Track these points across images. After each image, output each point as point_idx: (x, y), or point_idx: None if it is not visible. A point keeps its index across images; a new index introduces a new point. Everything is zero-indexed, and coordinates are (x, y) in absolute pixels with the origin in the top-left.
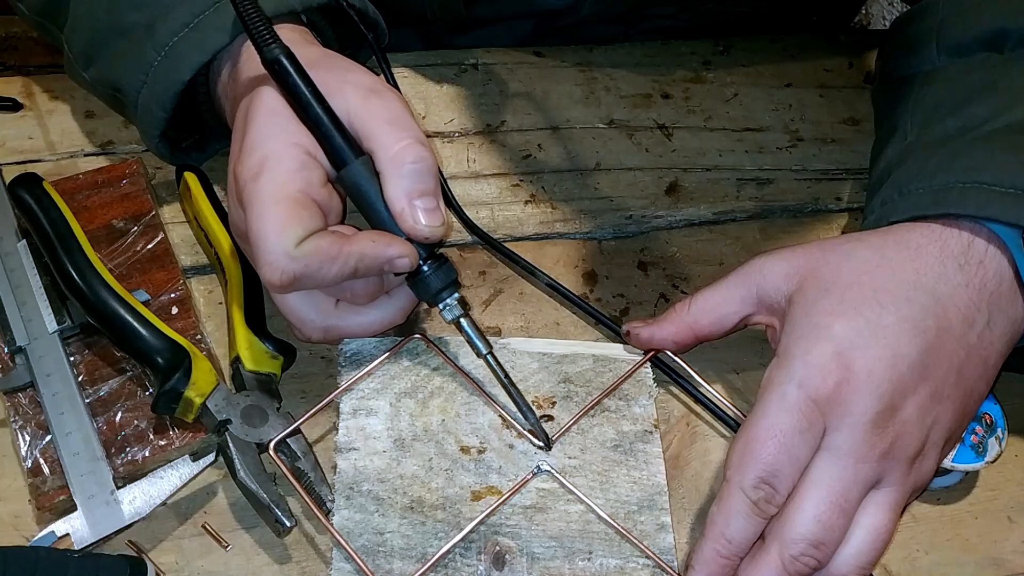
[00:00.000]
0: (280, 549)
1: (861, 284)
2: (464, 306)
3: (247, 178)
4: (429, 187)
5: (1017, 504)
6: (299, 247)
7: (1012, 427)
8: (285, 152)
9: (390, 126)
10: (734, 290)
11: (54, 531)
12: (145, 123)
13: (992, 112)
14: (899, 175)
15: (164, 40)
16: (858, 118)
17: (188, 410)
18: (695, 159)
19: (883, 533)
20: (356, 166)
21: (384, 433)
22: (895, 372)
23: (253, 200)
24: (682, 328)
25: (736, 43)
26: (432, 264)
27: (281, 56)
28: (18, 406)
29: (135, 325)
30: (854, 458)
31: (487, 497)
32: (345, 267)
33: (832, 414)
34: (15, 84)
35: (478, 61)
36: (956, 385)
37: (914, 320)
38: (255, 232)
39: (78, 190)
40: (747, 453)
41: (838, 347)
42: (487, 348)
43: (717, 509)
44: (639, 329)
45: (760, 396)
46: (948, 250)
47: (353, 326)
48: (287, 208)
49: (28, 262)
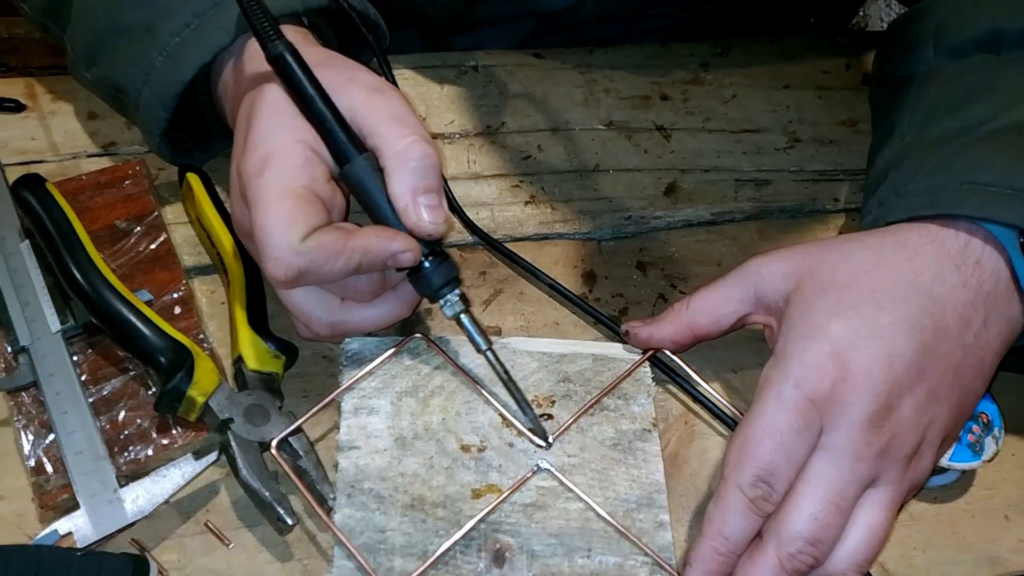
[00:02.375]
0: (282, 547)
1: (858, 284)
2: (465, 302)
3: (251, 174)
4: (433, 184)
5: (1014, 503)
6: (304, 242)
7: (1009, 426)
8: (289, 148)
9: (395, 123)
10: (732, 290)
11: (57, 530)
12: (147, 123)
13: (990, 113)
14: (896, 176)
15: (165, 40)
16: (856, 119)
17: (191, 409)
18: (693, 160)
19: (880, 532)
20: (360, 162)
21: (385, 431)
22: (892, 372)
23: (257, 196)
24: (680, 328)
25: (734, 45)
26: (434, 260)
27: (285, 52)
28: (21, 405)
29: (138, 325)
30: (851, 457)
31: (487, 495)
32: (349, 262)
33: (829, 413)
34: (18, 85)
35: (478, 63)
36: (953, 385)
37: (911, 320)
38: (259, 228)
39: (81, 191)
40: (744, 452)
41: (835, 347)
42: (487, 344)
43: (714, 507)
44: (638, 329)
45: (757, 395)
46: (945, 250)
47: (358, 322)
48: (291, 204)
49: (31, 262)
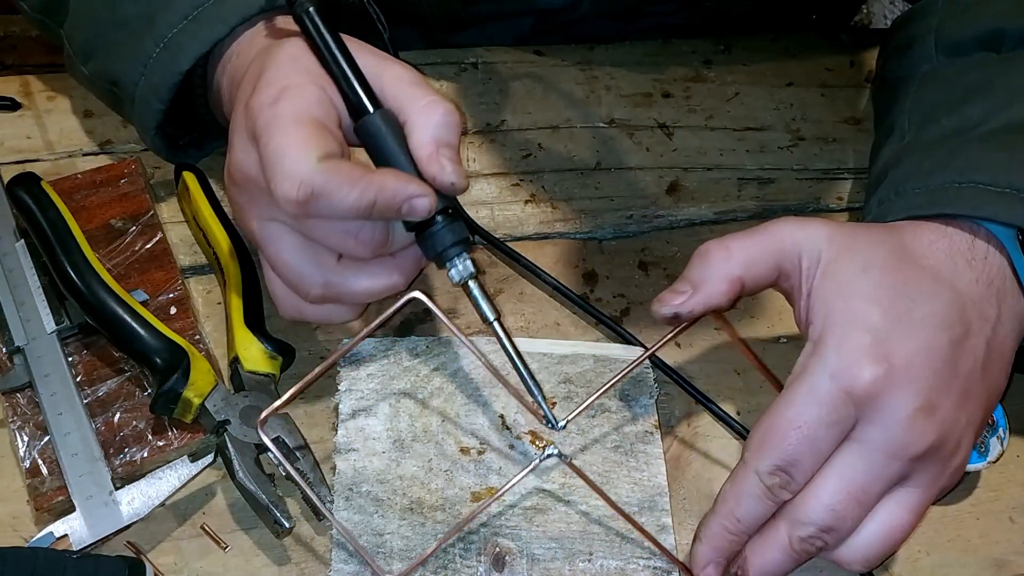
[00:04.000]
0: (279, 550)
1: (893, 271)
2: (475, 267)
3: (263, 104)
4: (455, 143)
5: (1019, 505)
6: (320, 163)
7: (1013, 427)
8: (306, 86)
9: (417, 87)
10: (771, 244)
11: (52, 532)
12: (142, 116)
13: (988, 112)
14: (896, 175)
15: (163, 32)
16: (859, 117)
17: (187, 411)
18: (696, 158)
19: (898, 532)
20: (380, 114)
21: (383, 434)
22: (931, 367)
23: (271, 122)
24: (733, 282)
25: (737, 42)
26: (444, 219)
27: (310, 7)
28: (16, 406)
29: (133, 325)
30: (885, 454)
31: (487, 498)
32: (364, 195)
33: (866, 407)
34: (13, 83)
35: (478, 60)
36: (982, 381)
37: (941, 315)
38: (273, 150)
39: (76, 189)
40: (767, 440)
41: (876, 338)
42: (495, 315)
43: (730, 487)
44: (683, 302)
45: (790, 382)
46: (955, 246)
47: (353, 286)
48: (308, 129)
49: (26, 262)
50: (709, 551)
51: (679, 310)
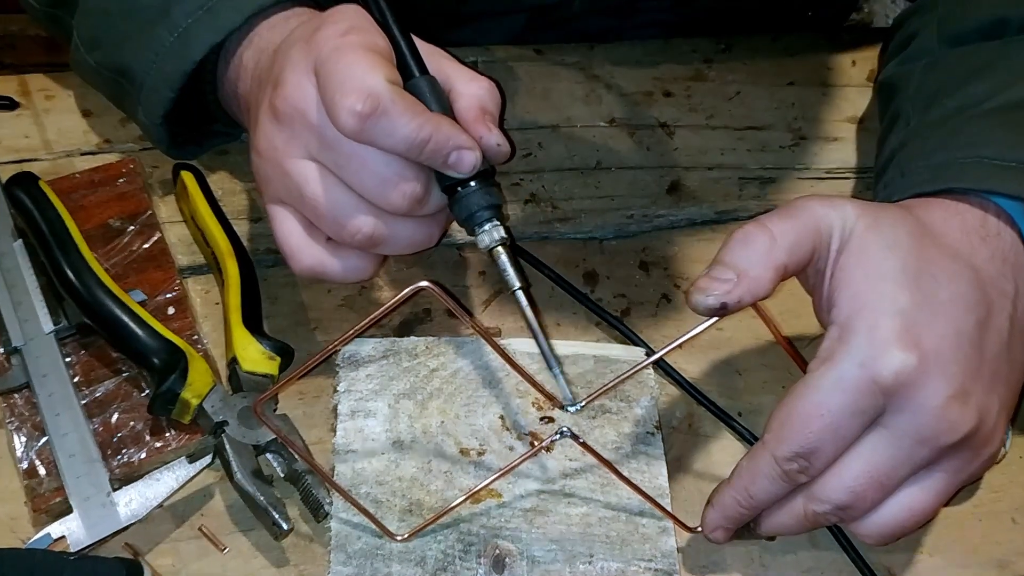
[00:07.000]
0: (277, 552)
1: (916, 250)
2: (508, 235)
3: (334, 35)
4: (497, 115)
5: (1021, 506)
6: (389, 83)
7: (1016, 427)
8: (373, 29)
9: (460, 65)
10: (808, 224)
11: (50, 533)
12: (150, 105)
13: (991, 90)
14: (901, 157)
15: (179, 21)
16: (861, 116)
17: (185, 411)
18: (697, 158)
19: (919, 515)
20: (428, 77)
21: (383, 435)
22: (961, 352)
23: (343, 47)
24: (779, 270)
25: (738, 41)
26: (480, 182)
27: None
28: (14, 407)
29: (131, 325)
30: (915, 441)
31: (487, 500)
32: (422, 130)
33: (897, 395)
34: (11, 82)
35: (478, 59)
36: (1009, 362)
37: (965, 296)
38: (343, 67)
39: (74, 189)
40: (788, 425)
41: (905, 323)
42: (522, 283)
43: (746, 464)
44: (729, 291)
45: (814, 366)
46: (968, 224)
47: (400, 230)
48: (377, 56)
49: (24, 262)
50: (720, 518)
51: (727, 299)
